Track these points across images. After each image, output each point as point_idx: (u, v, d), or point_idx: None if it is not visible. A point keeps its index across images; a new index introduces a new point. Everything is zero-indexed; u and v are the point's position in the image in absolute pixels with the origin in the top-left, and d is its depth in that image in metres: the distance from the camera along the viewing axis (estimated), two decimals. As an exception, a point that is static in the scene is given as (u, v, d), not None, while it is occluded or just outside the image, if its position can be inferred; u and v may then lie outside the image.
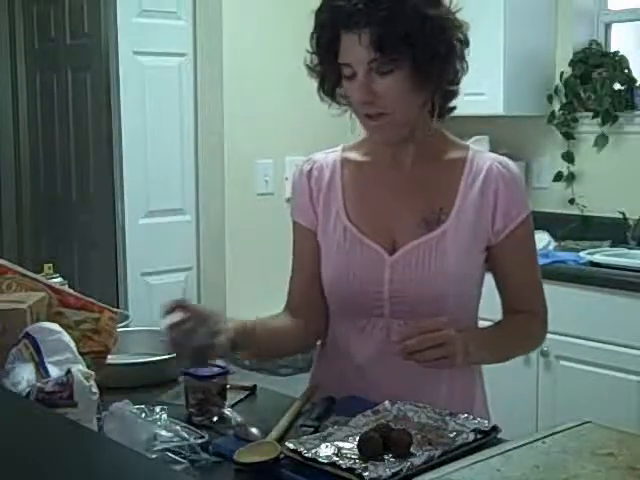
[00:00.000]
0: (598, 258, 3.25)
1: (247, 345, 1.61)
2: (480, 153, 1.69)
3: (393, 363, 1.61)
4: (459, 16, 1.59)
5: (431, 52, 1.53)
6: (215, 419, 1.54)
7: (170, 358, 1.79)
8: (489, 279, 1.71)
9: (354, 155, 1.73)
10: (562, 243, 3.55)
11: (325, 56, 1.59)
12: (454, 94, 1.63)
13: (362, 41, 1.51)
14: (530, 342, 1.78)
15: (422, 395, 1.54)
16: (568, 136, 3.74)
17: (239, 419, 1.53)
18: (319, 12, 1.59)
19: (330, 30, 1.56)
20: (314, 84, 1.68)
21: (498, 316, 1.72)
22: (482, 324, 1.73)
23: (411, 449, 1.30)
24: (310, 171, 1.74)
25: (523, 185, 1.72)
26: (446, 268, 1.60)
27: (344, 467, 1.24)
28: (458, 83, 1.61)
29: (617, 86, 3.62)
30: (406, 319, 1.61)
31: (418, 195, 1.66)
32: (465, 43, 1.59)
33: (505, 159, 1.69)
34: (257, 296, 3.81)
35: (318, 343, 1.79)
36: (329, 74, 1.62)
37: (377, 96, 1.55)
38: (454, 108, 1.65)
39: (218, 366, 1.60)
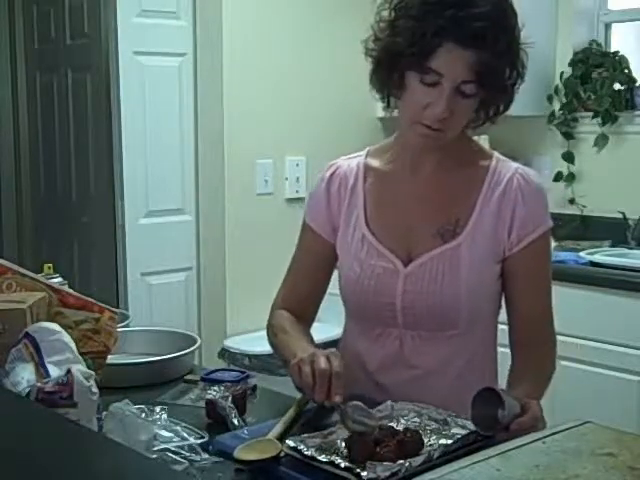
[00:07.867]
0: (598, 258, 3.24)
1: None
2: (504, 163, 1.65)
3: (404, 373, 1.62)
4: None
5: (508, 75, 1.51)
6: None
7: (170, 358, 1.79)
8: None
9: (377, 162, 1.71)
10: (562, 243, 3.54)
11: (411, 58, 1.48)
12: (514, 96, 1.58)
13: (469, 59, 1.44)
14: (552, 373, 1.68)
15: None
16: (568, 136, 3.74)
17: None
18: (413, 16, 1.47)
19: (435, 38, 1.44)
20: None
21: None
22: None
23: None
24: (331, 177, 1.72)
25: (544, 198, 1.64)
26: (459, 281, 1.58)
27: (343, 466, 1.24)
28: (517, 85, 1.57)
29: (617, 86, 3.62)
30: (419, 330, 1.61)
31: (436, 205, 1.63)
32: (523, 50, 1.54)
33: (528, 170, 1.64)
34: (257, 296, 3.80)
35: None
36: (400, 72, 1.52)
37: (452, 115, 1.50)
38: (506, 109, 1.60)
39: (239, 371, 1.61)
